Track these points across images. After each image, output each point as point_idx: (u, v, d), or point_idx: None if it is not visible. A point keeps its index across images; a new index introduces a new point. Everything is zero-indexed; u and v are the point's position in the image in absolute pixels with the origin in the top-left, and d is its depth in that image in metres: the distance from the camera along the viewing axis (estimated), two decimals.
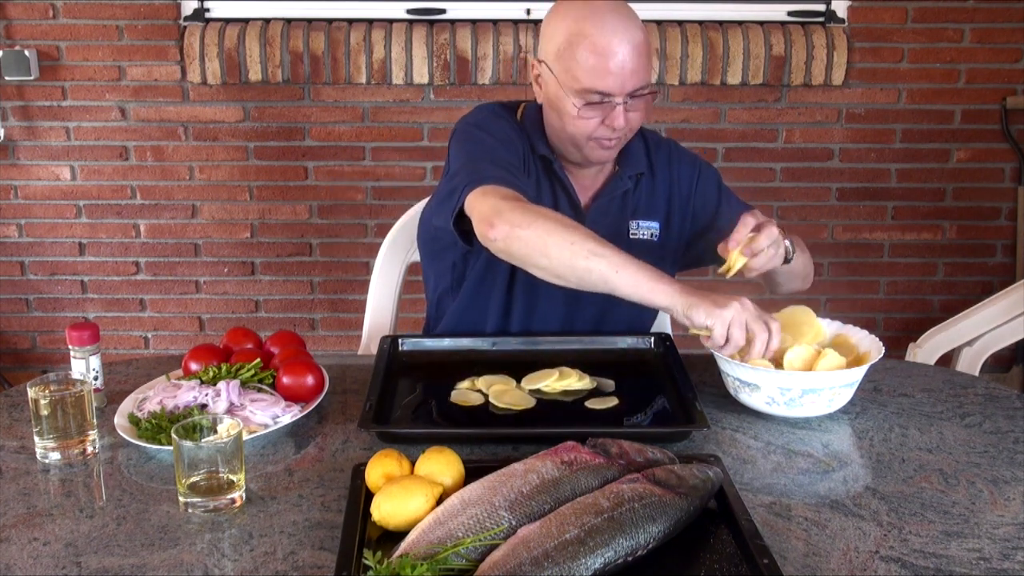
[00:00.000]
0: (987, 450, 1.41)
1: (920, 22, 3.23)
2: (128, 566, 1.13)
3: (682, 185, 1.86)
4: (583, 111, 1.64)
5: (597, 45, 1.59)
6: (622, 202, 1.82)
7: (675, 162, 1.87)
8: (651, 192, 1.84)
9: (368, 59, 3.17)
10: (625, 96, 1.63)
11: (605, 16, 1.61)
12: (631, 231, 1.82)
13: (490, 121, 1.76)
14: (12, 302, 3.44)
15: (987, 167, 3.37)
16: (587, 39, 1.60)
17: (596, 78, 1.61)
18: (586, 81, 1.61)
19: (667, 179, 1.85)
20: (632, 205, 1.82)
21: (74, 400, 1.38)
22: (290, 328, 3.21)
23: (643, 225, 1.83)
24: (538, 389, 1.56)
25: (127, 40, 3.21)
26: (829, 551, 1.15)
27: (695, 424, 1.42)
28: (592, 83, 1.61)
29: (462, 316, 1.85)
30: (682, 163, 1.88)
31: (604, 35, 1.59)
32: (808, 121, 3.31)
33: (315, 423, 1.51)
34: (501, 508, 1.10)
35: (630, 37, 1.60)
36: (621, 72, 1.60)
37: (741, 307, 1.44)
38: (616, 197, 1.81)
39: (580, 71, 1.61)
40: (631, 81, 1.62)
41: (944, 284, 3.48)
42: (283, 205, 3.35)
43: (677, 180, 1.86)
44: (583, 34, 1.60)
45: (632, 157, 1.81)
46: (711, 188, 1.89)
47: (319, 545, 1.17)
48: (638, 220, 1.83)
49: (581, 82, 1.62)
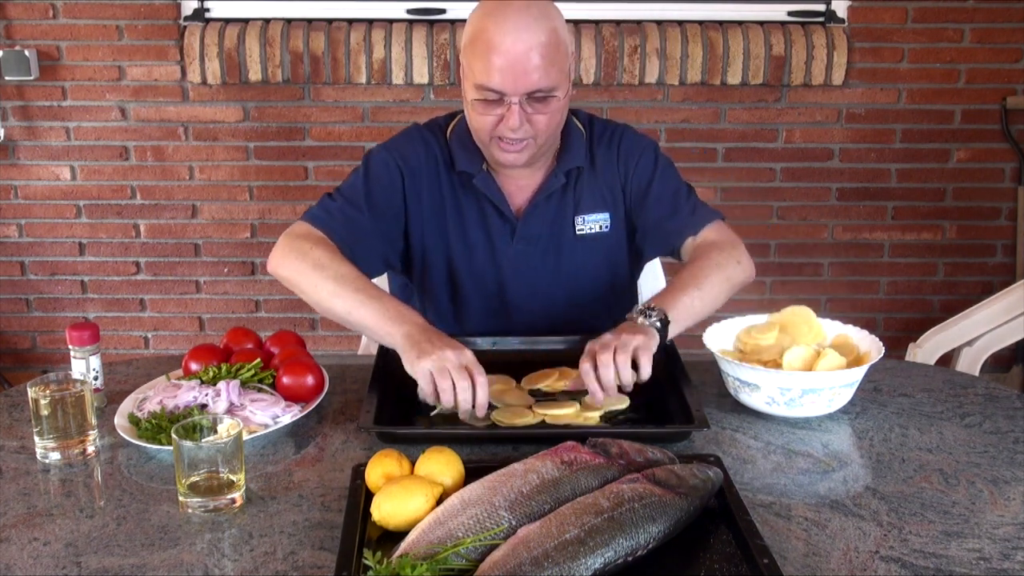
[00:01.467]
0: (987, 450, 1.41)
1: (920, 22, 3.23)
2: (128, 566, 1.13)
3: (622, 170, 1.82)
4: (477, 106, 1.64)
5: (491, 42, 1.59)
6: (561, 199, 1.80)
7: (618, 147, 1.82)
8: (593, 184, 1.81)
9: (368, 59, 3.17)
10: (520, 96, 1.61)
11: (508, 14, 1.59)
12: (577, 227, 1.80)
13: (389, 149, 1.79)
14: (12, 302, 3.44)
15: (987, 167, 3.37)
16: (485, 34, 1.60)
17: (488, 74, 1.60)
18: (480, 77, 1.61)
19: (613, 168, 1.82)
20: (574, 200, 1.80)
21: (74, 400, 1.38)
22: (290, 328, 3.20)
23: (589, 219, 1.81)
24: (538, 389, 1.56)
25: (127, 40, 3.21)
26: (829, 551, 1.15)
27: (695, 424, 1.42)
28: (484, 79, 1.61)
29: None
30: (625, 147, 1.82)
31: (500, 32, 1.58)
32: (808, 121, 3.31)
33: (315, 423, 1.51)
34: (501, 508, 1.10)
35: (529, 37, 1.58)
36: (512, 71, 1.58)
37: (440, 359, 1.41)
38: (553, 194, 1.79)
39: (475, 66, 1.62)
40: (524, 81, 1.59)
41: (944, 284, 3.48)
42: (283, 205, 3.35)
43: (624, 166, 1.82)
44: (483, 29, 1.61)
45: (569, 152, 1.79)
46: (645, 174, 1.81)
47: (319, 545, 1.17)
48: (583, 215, 1.80)
49: (477, 77, 1.62)
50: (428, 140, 1.81)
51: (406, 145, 1.81)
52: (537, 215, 1.78)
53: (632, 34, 3.16)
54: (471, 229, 1.79)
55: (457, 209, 1.79)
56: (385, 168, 1.77)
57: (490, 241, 1.79)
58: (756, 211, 3.34)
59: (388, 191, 1.76)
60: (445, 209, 1.79)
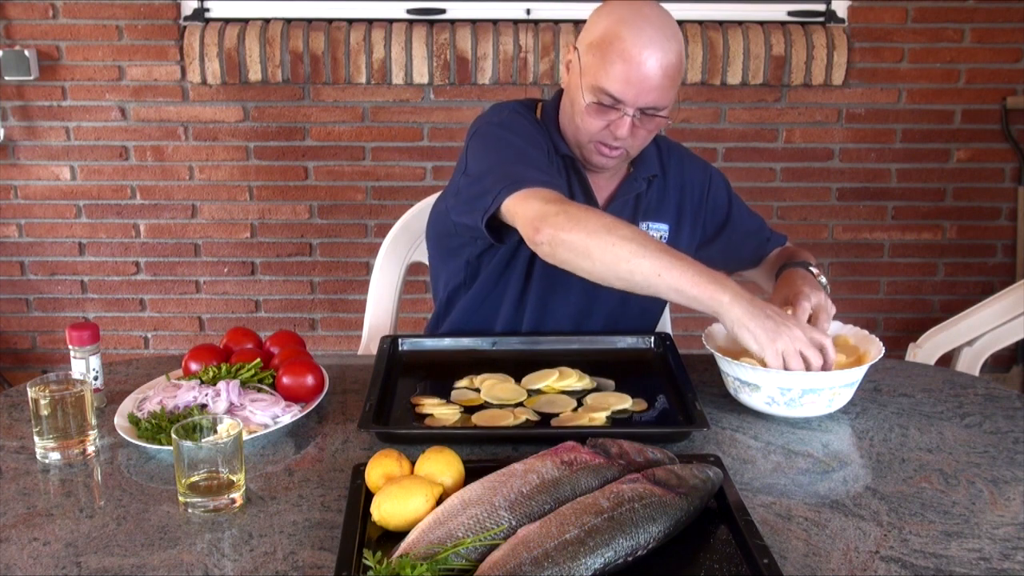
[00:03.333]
0: (987, 450, 1.41)
1: (920, 22, 3.23)
2: (128, 566, 1.13)
3: (694, 190, 1.88)
4: (590, 108, 1.65)
5: (626, 50, 1.59)
6: (635, 203, 1.82)
7: (687, 167, 1.89)
8: (662, 194, 1.85)
9: (368, 59, 3.17)
10: (636, 109, 1.63)
11: (645, 27, 1.60)
12: None
13: (513, 120, 1.75)
14: (12, 302, 3.44)
15: (987, 167, 3.37)
16: (620, 41, 1.60)
17: (612, 81, 1.61)
18: (602, 81, 1.62)
19: (679, 183, 1.86)
20: (643, 206, 1.83)
21: (74, 400, 1.38)
22: (290, 328, 3.21)
23: (653, 227, 1.83)
24: (538, 389, 1.56)
25: (127, 40, 3.21)
26: (829, 551, 1.15)
27: (695, 424, 1.42)
28: (607, 84, 1.62)
29: (475, 312, 1.85)
30: (694, 168, 1.90)
31: (637, 43, 1.59)
32: (808, 121, 3.31)
33: (315, 423, 1.51)
34: (501, 508, 1.10)
35: (661, 55, 1.60)
36: (639, 84, 1.60)
37: (791, 338, 1.41)
38: (630, 199, 1.81)
39: (602, 69, 1.62)
40: (646, 97, 1.62)
41: (944, 284, 3.48)
42: (283, 205, 3.35)
43: (689, 184, 1.87)
44: (618, 35, 1.60)
45: (645, 159, 1.82)
46: (722, 196, 1.91)
47: (319, 545, 1.17)
48: (648, 222, 1.83)
49: (598, 80, 1.62)
50: (534, 118, 1.80)
51: (525, 112, 1.79)
52: (616, 214, 1.78)
53: None
54: None
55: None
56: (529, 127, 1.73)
57: None
58: (756, 211, 3.33)
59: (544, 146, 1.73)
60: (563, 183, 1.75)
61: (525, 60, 3.14)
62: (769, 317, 1.42)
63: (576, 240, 1.48)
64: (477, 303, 1.85)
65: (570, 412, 1.48)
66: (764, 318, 1.42)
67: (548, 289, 1.79)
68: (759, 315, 1.42)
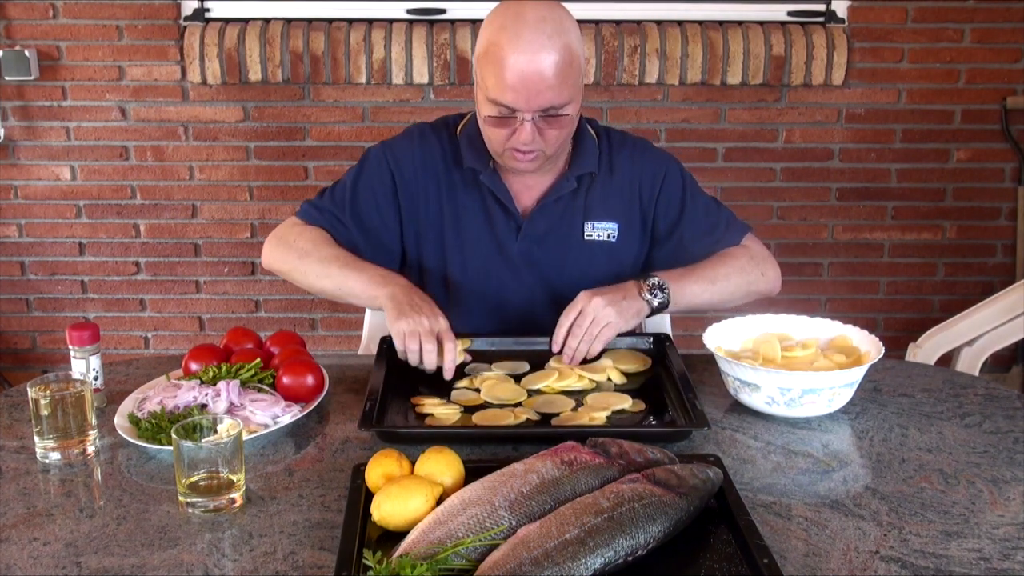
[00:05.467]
0: (987, 450, 1.41)
1: (920, 22, 3.23)
2: (128, 566, 1.13)
3: (645, 186, 1.82)
4: (489, 120, 1.64)
5: (505, 59, 1.57)
6: (571, 203, 1.80)
7: (640, 162, 1.83)
8: (606, 192, 1.81)
9: (368, 59, 3.17)
10: (533, 113, 1.60)
11: (522, 30, 1.57)
12: (586, 232, 1.80)
13: (386, 149, 1.82)
14: (12, 302, 3.44)
15: (987, 167, 3.37)
16: (500, 50, 1.57)
17: (501, 91, 1.59)
18: (493, 93, 1.60)
19: (629, 179, 1.82)
20: (585, 206, 1.80)
21: (74, 400, 1.38)
22: (290, 328, 3.21)
23: (599, 226, 1.81)
24: (538, 389, 1.56)
25: (127, 40, 3.21)
26: (829, 551, 1.15)
27: (695, 424, 1.42)
28: (498, 96, 1.60)
29: None
30: (648, 163, 1.83)
31: (515, 50, 1.56)
32: (808, 121, 3.31)
33: (315, 423, 1.51)
34: (501, 508, 1.10)
35: (545, 56, 1.56)
36: (526, 90, 1.57)
37: (414, 322, 1.54)
38: (562, 198, 1.79)
39: (490, 81, 1.60)
40: (538, 100, 1.59)
41: (944, 284, 3.48)
42: (283, 205, 3.35)
43: (640, 181, 1.82)
44: (497, 44, 1.58)
45: (582, 157, 1.79)
46: (675, 193, 1.83)
47: (319, 545, 1.17)
48: (592, 221, 1.80)
49: (490, 92, 1.61)
50: (429, 138, 1.81)
51: (402, 145, 1.82)
52: (544, 216, 1.78)
53: (632, 34, 3.16)
54: (475, 227, 1.79)
55: (461, 206, 1.79)
56: (378, 169, 1.81)
57: (495, 239, 1.79)
58: (756, 211, 3.34)
59: (378, 195, 1.80)
60: (443, 207, 1.79)
61: None
62: (410, 304, 1.58)
63: (280, 268, 1.79)
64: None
65: (570, 412, 1.48)
66: (406, 304, 1.58)
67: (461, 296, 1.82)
68: (403, 303, 1.58)
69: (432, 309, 1.58)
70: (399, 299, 1.59)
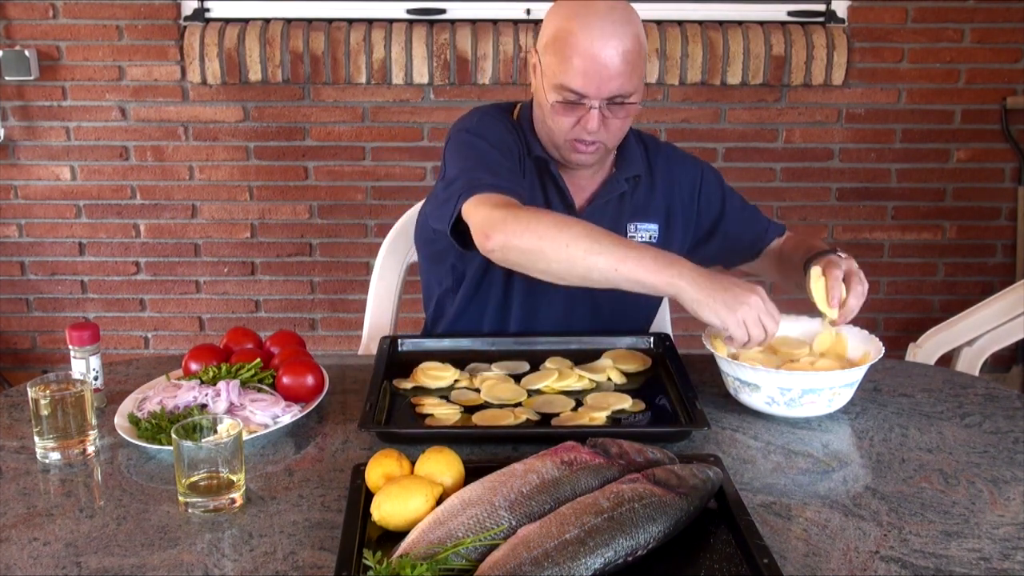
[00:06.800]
0: (987, 450, 1.41)
1: (920, 22, 3.23)
2: (128, 566, 1.13)
3: (683, 188, 1.86)
4: (556, 107, 1.64)
5: (579, 45, 1.59)
6: (619, 204, 1.81)
7: (676, 165, 1.87)
8: (649, 194, 1.83)
9: (368, 59, 3.17)
10: (601, 100, 1.62)
11: (593, 18, 1.59)
12: (629, 233, 1.81)
13: (486, 125, 1.75)
14: (12, 302, 3.44)
15: (987, 167, 3.37)
16: (571, 36, 1.59)
17: (571, 77, 1.60)
18: (562, 78, 1.61)
19: (667, 181, 1.85)
20: (630, 207, 1.82)
21: (74, 400, 1.38)
22: (290, 328, 3.21)
23: (641, 227, 1.82)
24: (538, 389, 1.56)
25: (127, 40, 3.21)
26: (829, 551, 1.15)
27: (695, 424, 1.42)
28: (567, 81, 1.61)
29: (460, 316, 1.85)
30: (684, 166, 1.88)
31: (588, 36, 1.58)
32: (808, 121, 3.31)
33: (315, 423, 1.51)
34: (501, 508, 1.10)
35: (616, 43, 1.58)
36: (598, 76, 1.59)
37: (750, 307, 1.42)
38: (612, 199, 1.80)
39: (559, 67, 1.61)
40: (608, 86, 1.60)
41: (944, 284, 3.48)
42: (283, 205, 3.35)
43: (678, 183, 1.86)
44: (569, 31, 1.60)
45: (629, 159, 1.81)
46: (715, 192, 1.89)
47: (319, 545, 1.17)
48: (636, 222, 1.82)
49: (558, 78, 1.62)
50: (506, 120, 1.79)
51: (499, 115, 1.79)
52: (598, 215, 1.77)
53: None
54: None
55: (532, 191, 1.75)
56: (501, 131, 1.73)
57: None
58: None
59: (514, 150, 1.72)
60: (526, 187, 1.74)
61: (525, 60, 3.14)
62: (727, 290, 1.43)
63: (527, 244, 1.48)
64: (463, 308, 1.84)
65: (570, 412, 1.48)
66: (722, 291, 1.42)
67: (530, 291, 1.78)
68: (716, 290, 1.42)
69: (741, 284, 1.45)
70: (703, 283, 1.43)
